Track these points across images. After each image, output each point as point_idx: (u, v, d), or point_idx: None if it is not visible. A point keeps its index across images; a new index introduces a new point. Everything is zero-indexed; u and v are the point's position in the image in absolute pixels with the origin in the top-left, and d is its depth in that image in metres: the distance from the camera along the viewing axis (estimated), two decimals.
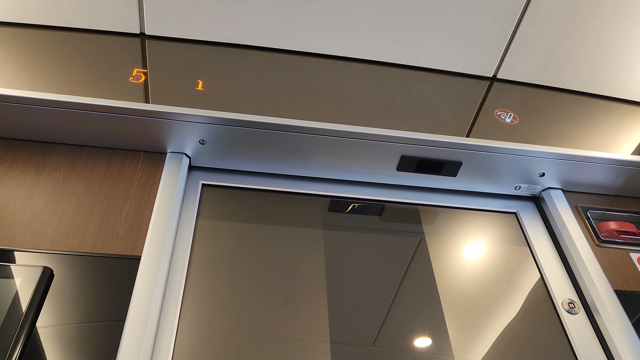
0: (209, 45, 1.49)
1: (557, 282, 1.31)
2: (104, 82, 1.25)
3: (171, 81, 1.31)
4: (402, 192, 1.45)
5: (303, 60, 1.52)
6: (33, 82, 1.21)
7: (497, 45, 1.55)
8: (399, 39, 1.52)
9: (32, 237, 1.07)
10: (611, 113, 1.59)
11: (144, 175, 1.24)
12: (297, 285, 1.20)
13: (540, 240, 1.41)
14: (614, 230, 1.37)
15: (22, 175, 1.19)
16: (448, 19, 1.48)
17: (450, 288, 1.27)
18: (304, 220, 1.35)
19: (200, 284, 1.15)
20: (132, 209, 1.16)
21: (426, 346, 1.15)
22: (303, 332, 1.12)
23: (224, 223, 1.29)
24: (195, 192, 1.32)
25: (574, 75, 1.62)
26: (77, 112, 1.19)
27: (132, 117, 1.21)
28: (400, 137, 1.29)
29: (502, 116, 1.45)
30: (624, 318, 1.18)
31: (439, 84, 1.54)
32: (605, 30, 1.52)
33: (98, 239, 1.09)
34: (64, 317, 0.96)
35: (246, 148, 1.30)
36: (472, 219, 1.45)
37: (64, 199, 1.16)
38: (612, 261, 1.31)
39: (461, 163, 1.37)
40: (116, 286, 1.02)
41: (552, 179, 1.44)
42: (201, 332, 1.07)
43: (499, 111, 1.47)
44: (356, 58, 1.56)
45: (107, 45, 1.40)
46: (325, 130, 1.27)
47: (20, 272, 0.98)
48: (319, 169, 1.38)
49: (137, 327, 0.96)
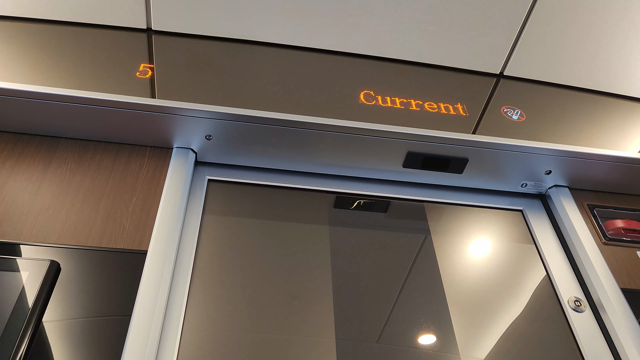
0: (215, 40, 1.48)
1: (564, 280, 1.30)
2: (110, 77, 1.26)
3: (177, 76, 1.31)
4: (408, 188, 1.45)
5: (311, 56, 1.51)
6: (40, 76, 1.22)
7: (505, 42, 1.54)
8: (407, 36, 1.52)
9: (39, 231, 1.07)
10: (619, 110, 1.58)
11: (150, 170, 1.24)
12: (303, 281, 1.20)
13: (546, 238, 1.41)
14: (621, 229, 1.37)
15: (30, 169, 1.19)
16: (455, 15, 1.48)
17: (455, 285, 1.27)
18: (309, 217, 1.35)
19: (206, 279, 1.15)
20: (138, 203, 1.16)
21: (431, 343, 1.15)
22: (308, 329, 1.12)
23: (229, 218, 1.29)
24: (201, 187, 1.32)
25: (582, 73, 1.61)
26: (84, 107, 1.20)
27: (139, 112, 1.21)
28: (406, 133, 1.29)
29: (509, 113, 1.44)
30: (630, 316, 1.18)
31: (446, 80, 1.53)
32: (613, 28, 1.51)
33: (105, 234, 1.09)
34: (70, 311, 0.96)
35: (252, 144, 1.30)
36: (478, 216, 1.44)
37: (71, 193, 1.16)
38: (619, 259, 1.31)
39: (467, 160, 1.36)
40: (122, 280, 1.02)
41: (558, 176, 1.43)
42: (207, 326, 1.08)
43: (505, 108, 1.46)
44: (363, 54, 1.56)
45: (114, 40, 1.40)
46: (332, 127, 1.26)
47: (27, 266, 0.98)
48: (325, 165, 1.38)
49: (143, 321, 0.97)
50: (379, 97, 1.39)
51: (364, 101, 1.36)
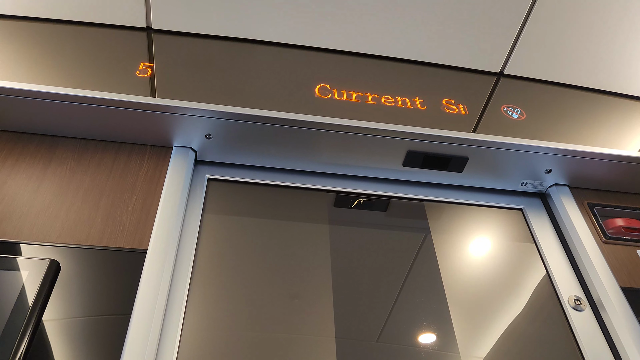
0: (215, 39, 1.48)
1: (563, 279, 1.30)
2: (110, 76, 1.26)
3: (177, 75, 1.31)
4: (408, 187, 1.45)
5: (311, 55, 1.51)
6: (40, 76, 1.21)
7: (505, 41, 1.54)
8: (407, 35, 1.51)
9: (39, 230, 1.07)
10: (619, 109, 1.58)
11: (150, 169, 1.24)
12: (303, 280, 1.20)
13: (546, 236, 1.40)
14: (621, 227, 1.37)
15: (30, 168, 1.19)
16: (456, 15, 1.48)
17: (455, 284, 1.27)
18: (309, 216, 1.35)
19: (206, 278, 1.15)
20: (138, 202, 1.16)
21: (431, 342, 1.15)
22: (308, 327, 1.12)
23: (229, 217, 1.29)
24: (201, 186, 1.32)
25: (582, 71, 1.61)
26: (83, 106, 1.19)
27: (139, 111, 1.21)
28: (406, 132, 1.29)
29: (509, 112, 1.44)
30: (630, 315, 1.18)
31: (447, 79, 1.53)
32: (613, 26, 1.51)
33: (105, 233, 1.09)
34: (70, 310, 0.96)
35: (252, 143, 1.30)
36: (478, 215, 1.44)
37: (71, 192, 1.16)
38: (619, 258, 1.30)
39: (467, 159, 1.36)
40: (122, 279, 1.02)
41: (558, 175, 1.43)
42: (206, 325, 1.08)
43: (506, 107, 1.46)
44: (364, 53, 1.56)
45: (113, 39, 1.40)
46: (332, 125, 1.26)
47: (27, 265, 0.99)
48: (325, 164, 1.38)
49: (143, 320, 0.97)
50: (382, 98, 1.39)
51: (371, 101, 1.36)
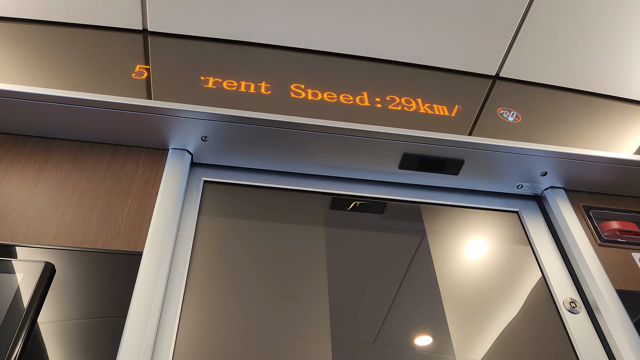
0: (211, 42, 1.48)
1: (559, 282, 1.31)
2: (106, 78, 1.25)
3: (173, 78, 1.31)
4: (404, 190, 1.45)
5: (306, 57, 1.51)
6: (36, 77, 1.21)
7: (500, 44, 1.55)
8: (403, 37, 1.52)
9: (34, 232, 1.07)
10: (614, 112, 1.58)
11: (146, 172, 1.24)
12: (299, 282, 1.20)
13: (542, 239, 1.41)
14: (616, 230, 1.37)
15: (25, 170, 1.19)
16: (451, 17, 1.48)
17: (451, 286, 1.27)
18: (305, 218, 1.35)
19: (202, 281, 1.15)
20: (134, 205, 1.16)
21: (427, 344, 1.15)
22: (304, 329, 1.12)
23: (225, 220, 1.29)
24: (197, 188, 1.32)
25: (577, 74, 1.61)
26: (79, 108, 1.19)
27: (134, 113, 1.21)
28: (402, 134, 1.29)
29: (505, 115, 1.44)
30: (625, 318, 1.18)
31: (442, 81, 1.53)
32: (608, 29, 1.51)
33: (100, 235, 1.09)
34: (65, 313, 0.96)
35: (248, 145, 1.30)
36: (474, 217, 1.44)
37: (66, 194, 1.16)
38: (614, 261, 1.31)
39: (463, 161, 1.36)
40: (118, 282, 1.02)
41: (554, 178, 1.44)
42: (202, 328, 1.08)
43: (501, 110, 1.46)
44: (360, 56, 1.56)
45: (109, 42, 1.39)
46: (328, 128, 1.26)
47: (22, 267, 0.98)
48: (321, 167, 1.38)
49: (138, 323, 0.96)
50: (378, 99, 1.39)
51: (367, 104, 1.36)
